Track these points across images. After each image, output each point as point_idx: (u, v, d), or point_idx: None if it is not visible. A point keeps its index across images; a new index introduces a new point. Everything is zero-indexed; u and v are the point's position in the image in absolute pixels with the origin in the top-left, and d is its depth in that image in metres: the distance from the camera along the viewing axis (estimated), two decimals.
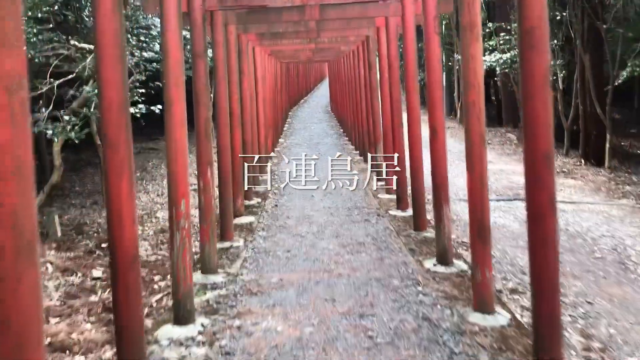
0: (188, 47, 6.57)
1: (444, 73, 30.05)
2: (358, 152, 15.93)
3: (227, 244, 7.39)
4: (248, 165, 10.06)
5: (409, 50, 7.40)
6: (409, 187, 8.31)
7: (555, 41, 16.02)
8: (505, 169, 13.85)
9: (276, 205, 9.92)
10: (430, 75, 6.14)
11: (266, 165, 13.37)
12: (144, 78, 10.23)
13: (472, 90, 4.76)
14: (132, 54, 9.88)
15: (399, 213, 8.81)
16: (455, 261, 6.20)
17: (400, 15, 7.45)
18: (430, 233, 7.53)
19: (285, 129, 24.37)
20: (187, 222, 4.80)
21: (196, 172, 6.59)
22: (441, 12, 8.12)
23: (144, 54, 10.51)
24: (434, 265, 6.15)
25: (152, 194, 13.77)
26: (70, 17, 9.60)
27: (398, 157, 8.90)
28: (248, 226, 8.44)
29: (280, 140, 20.49)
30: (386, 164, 10.16)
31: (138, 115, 9.08)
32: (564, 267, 6.10)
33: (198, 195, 6.27)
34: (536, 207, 3.69)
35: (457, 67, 25.65)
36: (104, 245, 8.98)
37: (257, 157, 11.54)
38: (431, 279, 5.78)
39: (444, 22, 25.14)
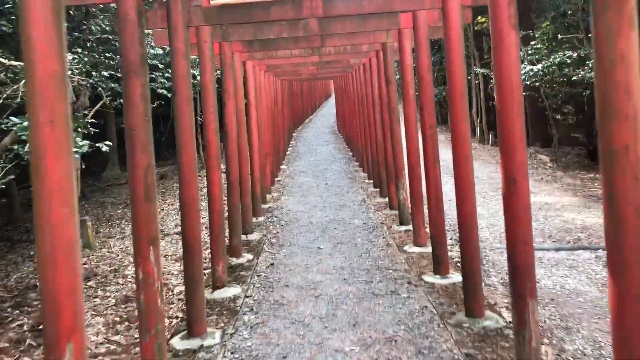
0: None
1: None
2: (372, 182, 13.60)
3: (194, 344, 5.05)
4: (234, 212, 7.77)
5: (454, 57, 5.11)
6: (445, 241, 5.96)
7: None
8: (552, 202, 11.45)
9: (272, 264, 7.58)
10: (503, 96, 3.82)
11: (262, 206, 11.04)
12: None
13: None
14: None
15: (438, 280, 6.44)
16: None
17: (440, 6, 5.19)
18: (492, 321, 5.16)
19: (288, 152, 22.11)
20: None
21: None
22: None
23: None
24: None
25: (129, 240, 11.48)
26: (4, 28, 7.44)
27: (433, 201, 6.57)
28: (230, 304, 6.10)
29: (282, 167, 18.21)
30: (414, 208, 7.83)
31: (79, 154, 6.73)
32: None
33: (136, 293, 3.97)
34: None
35: (476, 82, 23.39)
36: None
37: (250, 194, 9.28)
38: None
39: None
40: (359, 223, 9.81)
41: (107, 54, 11.05)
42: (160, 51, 18.18)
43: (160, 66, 18.13)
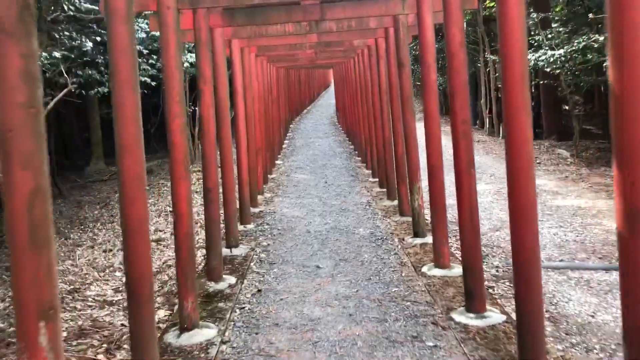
0: None
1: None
2: (377, 181, 12.08)
3: None
4: (212, 227, 6.29)
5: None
6: (482, 270, 4.47)
7: None
8: (585, 207, 9.94)
9: (259, 291, 6.09)
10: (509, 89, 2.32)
11: (251, 211, 9.52)
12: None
13: None
14: None
15: (472, 321, 4.94)
16: None
17: None
18: None
19: (284, 146, 20.57)
20: None
21: None
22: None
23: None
24: None
25: (99, 249, 9.98)
26: None
27: (466, 216, 5.06)
28: (201, 356, 4.61)
29: (277, 162, 16.68)
30: (434, 219, 6.34)
31: None
32: None
33: None
34: None
35: (486, 70, 21.82)
36: None
37: (236, 201, 7.82)
38: None
39: (466, 17, 21.37)
40: (365, 233, 8.32)
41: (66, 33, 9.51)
42: (144, 35, 16.62)
43: (145, 52, 16.55)
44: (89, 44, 13.88)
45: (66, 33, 10.26)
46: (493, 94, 22.13)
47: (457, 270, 6.18)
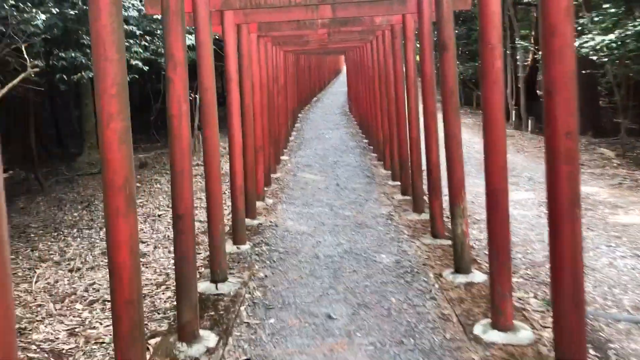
0: None
1: None
2: (399, 186, 10.26)
3: None
4: (183, 267, 4.56)
5: None
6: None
7: None
8: None
9: (251, 343, 4.35)
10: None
11: (248, 225, 7.76)
12: None
13: None
14: None
15: None
16: None
17: None
18: None
19: (292, 138, 18.77)
20: None
21: None
22: None
23: None
24: None
25: (66, 267, 8.28)
26: None
27: (563, 284, 3.27)
28: None
29: (283, 157, 14.90)
30: (495, 262, 4.56)
31: None
32: None
33: None
34: None
35: (517, 57, 19.84)
36: None
37: (222, 220, 6.12)
38: None
39: None
40: (390, 261, 6.54)
41: None
42: (135, 13, 14.83)
43: (138, 33, 14.76)
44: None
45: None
46: (522, 84, 20.16)
47: (525, 334, 4.41)
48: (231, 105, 7.13)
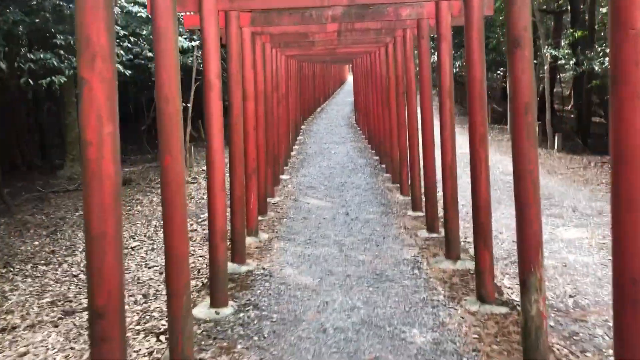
0: None
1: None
2: (423, 218, 8.41)
3: None
4: None
5: None
6: None
7: None
8: None
9: None
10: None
11: (233, 276, 5.87)
12: None
13: None
14: None
15: None
16: None
17: None
18: None
19: (293, 153, 16.95)
20: None
21: None
22: None
23: None
24: None
25: None
26: None
27: None
28: None
29: (283, 176, 13.07)
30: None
31: None
32: None
33: None
34: None
35: (545, 67, 18.05)
36: None
37: (186, 282, 4.26)
38: None
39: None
40: (425, 342, 4.66)
41: None
42: (117, 9, 13.09)
43: (121, 33, 13.02)
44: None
45: None
46: (548, 96, 18.37)
47: None
48: (210, 120, 5.30)
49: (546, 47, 16.84)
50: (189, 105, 16.89)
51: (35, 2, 10.61)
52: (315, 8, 6.37)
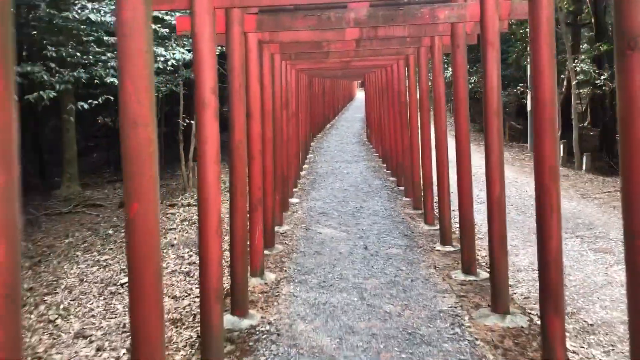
0: None
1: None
2: (457, 253, 7.21)
3: None
4: None
5: None
6: None
7: None
8: None
9: None
10: None
11: (231, 337, 4.70)
12: None
13: None
14: None
15: None
16: None
17: None
18: None
19: (303, 173, 15.81)
20: None
21: None
22: None
23: None
24: None
25: None
26: None
27: None
28: None
29: (292, 200, 11.94)
30: None
31: None
32: None
33: None
34: None
35: (573, 82, 16.88)
36: None
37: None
38: None
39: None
40: None
41: None
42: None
43: (106, 39, 12.01)
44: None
45: None
46: (574, 112, 17.17)
47: None
48: (204, 146, 4.18)
49: (575, 61, 15.68)
50: (192, 122, 15.89)
51: (30, 16, 9.64)
52: (336, 8, 5.27)
